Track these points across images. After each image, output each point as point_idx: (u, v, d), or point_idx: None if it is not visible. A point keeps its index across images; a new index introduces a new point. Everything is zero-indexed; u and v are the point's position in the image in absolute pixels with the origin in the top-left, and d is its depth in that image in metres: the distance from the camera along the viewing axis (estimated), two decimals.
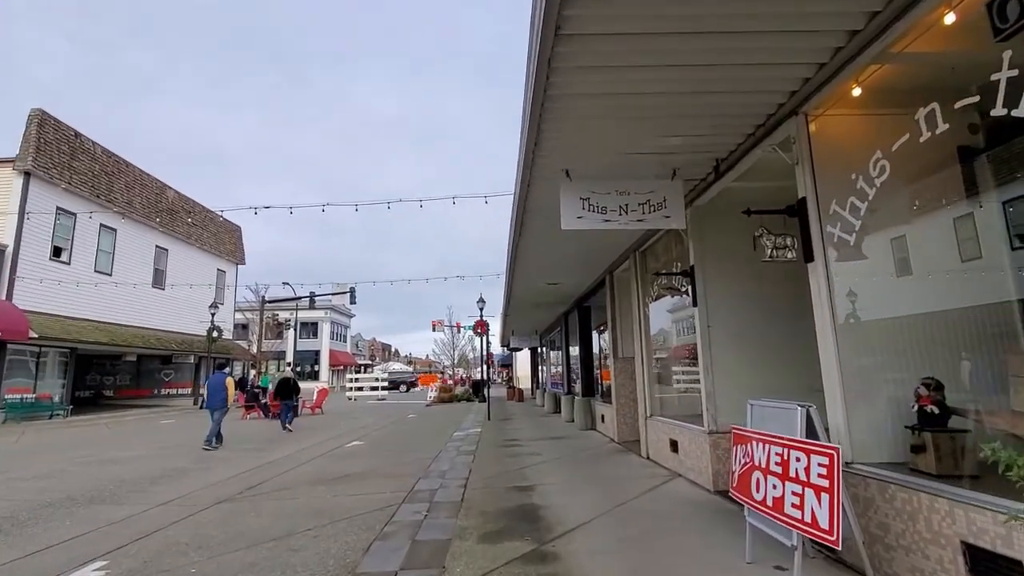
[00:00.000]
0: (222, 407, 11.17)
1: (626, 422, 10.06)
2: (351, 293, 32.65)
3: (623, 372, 10.25)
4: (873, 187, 3.43)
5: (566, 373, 17.64)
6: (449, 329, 45.86)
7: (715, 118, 4.38)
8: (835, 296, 3.82)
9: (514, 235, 7.98)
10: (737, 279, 6.29)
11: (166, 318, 26.46)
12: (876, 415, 3.71)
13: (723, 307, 6.21)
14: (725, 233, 6.37)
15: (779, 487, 3.28)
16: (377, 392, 33.61)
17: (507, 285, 12.10)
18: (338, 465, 8.63)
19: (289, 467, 8.58)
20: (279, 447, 11.01)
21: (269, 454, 10.15)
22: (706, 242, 6.34)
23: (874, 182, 3.43)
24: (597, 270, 10.67)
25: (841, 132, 4.06)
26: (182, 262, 27.83)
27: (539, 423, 14.98)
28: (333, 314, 52.31)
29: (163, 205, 26.92)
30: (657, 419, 7.85)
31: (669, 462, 7.20)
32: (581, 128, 4.47)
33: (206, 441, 10.80)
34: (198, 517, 5.62)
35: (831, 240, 3.85)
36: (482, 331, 22.01)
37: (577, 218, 5.16)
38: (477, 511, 5.43)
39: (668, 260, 7.51)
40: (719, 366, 6.06)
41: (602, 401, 12.26)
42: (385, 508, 5.69)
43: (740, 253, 6.35)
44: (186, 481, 7.57)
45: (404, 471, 7.88)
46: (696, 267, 6.25)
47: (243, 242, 34.38)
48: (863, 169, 3.51)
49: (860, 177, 3.53)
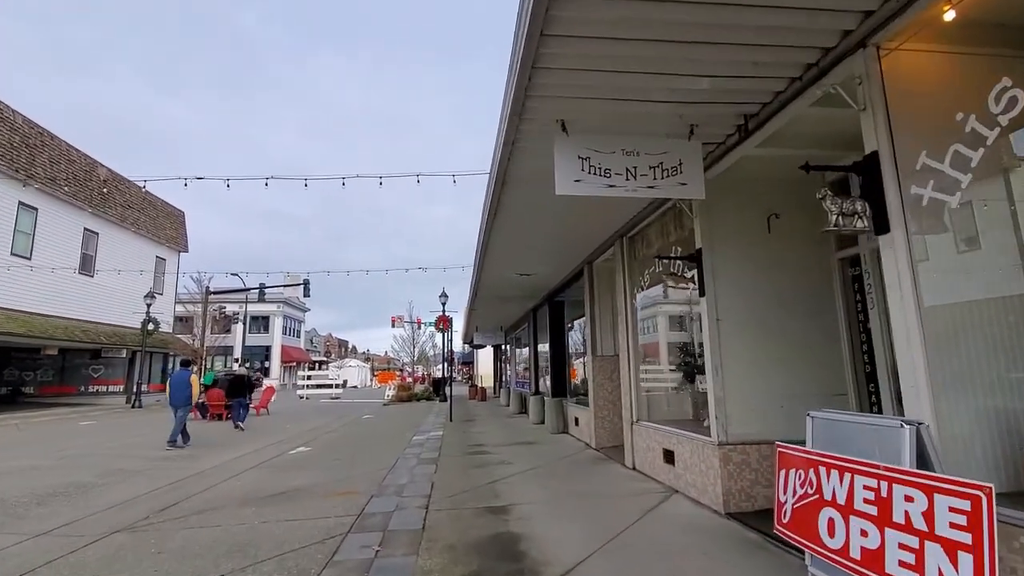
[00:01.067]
0: (186, 404, 10.69)
1: (605, 427, 9.16)
2: (305, 285, 30.82)
3: (602, 371, 9.35)
4: (996, 127, 2.56)
5: (534, 372, 16.70)
6: (409, 325, 44.30)
7: (755, 52, 3.45)
8: (919, 274, 2.94)
9: (488, 215, 6.93)
10: (749, 267, 5.43)
11: (95, 308, 24.10)
12: (980, 431, 2.86)
13: (734, 298, 5.34)
14: (736, 213, 5.51)
15: (874, 535, 2.36)
16: (331, 391, 31.89)
17: (475, 275, 11.01)
18: (277, 478, 7.37)
19: (217, 480, 7.27)
20: (212, 454, 9.60)
21: (198, 463, 8.76)
22: (715, 222, 5.45)
23: (997, 122, 2.55)
24: (575, 259, 9.72)
25: (926, 69, 3.19)
26: (115, 247, 25.43)
27: (506, 425, 13.96)
28: (286, 308, 49.86)
29: (94, 184, 24.51)
30: (646, 425, 6.96)
31: (662, 475, 6.31)
32: (585, 58, 3.46)
33: (169, 441, 10.32)
34: (78, 557, 4.33)
35: (917, 204, 2.97)
36: (444, 327, 20.84)
37: (575, 181, 4.16)
38: (443, 544, 4.36)
39: (663, 246, 6.62)
40: (730, 367, 5.18)
41: (575, 403, 11.35)
42: (326, 540, 4.55)
43: (752, 237, 5.50)
44: (83, 501, 6.19)
45: (354, 486, 6.71)
46: (704, 250, 5.36)
47: (186, 228, 31.96)
48: (978, 107, 2.63)
49: (972, 118, 2.65)
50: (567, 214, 6.88)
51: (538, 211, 6.75)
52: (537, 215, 7.00)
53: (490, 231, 7.66)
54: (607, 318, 9.67)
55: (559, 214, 6.87)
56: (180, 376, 11.09)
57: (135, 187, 27.71)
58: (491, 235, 7.86)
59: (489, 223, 7.25)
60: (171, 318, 30.02)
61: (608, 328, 9.63)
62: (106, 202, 25.17)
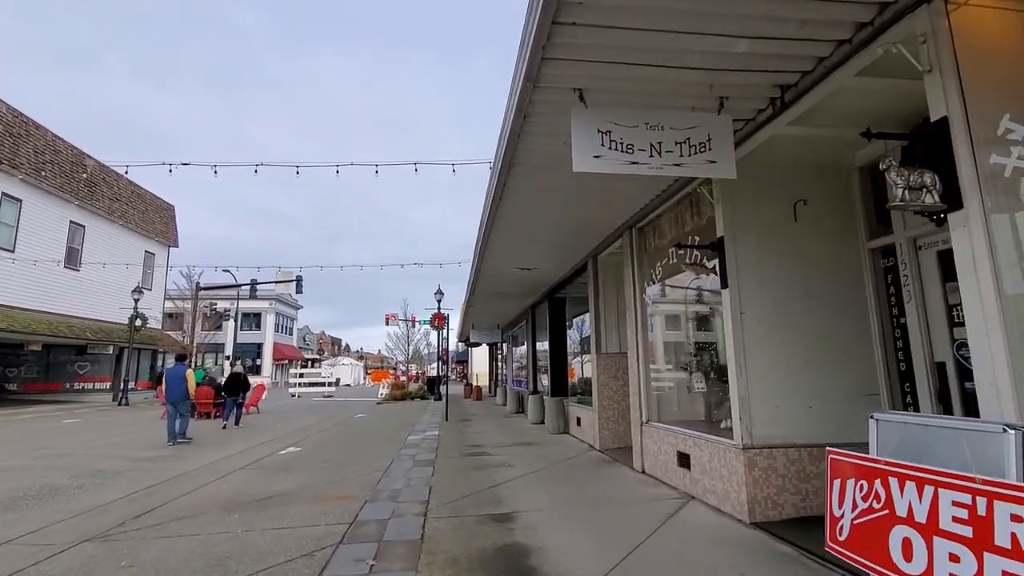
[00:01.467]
0: (183, 399, 10.66)
1: (609, 427, 8.78)
2: (297, 282, 30.27)
3: (606, 370, 8.97)
4: None
5: (532, 370, 16.31)
6: (404, 323, 43.80)
7: (805, 6, 3.07)
8: (999, 257, 2.56)
9: (491, 202, 6.52)
10: (774, 257, 5.06)
11: (81, 303, 23.50)
12: None
13: (758, 291, 4.96)
14: (761, 199, 5.13)
15: (969, 561, 1.98)
16: (324, 389, 31.37)
17: (474, 269, 10.59)
18: (264, 481, 6.94)
19: (202, 482, 6.83)
20: (198, 454, 9.15)
21: (183, 463, 8.31)
22: (737, 209, 5.07)
23: None
24: (579, 253, 9.33)
25: (1000, 25, 2.82)
26: (102, 241, 24.83)
27: (504, 425, 13.56)
28: (278, 305, 49.24)
29: (81, 176, 23.89)
30: (658, 426, 6.57)
31: (676, 479, 5.93)
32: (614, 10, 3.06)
33: (179, 435, 10.41)
34: (40, 570, 3.90)
35: (997, 175, 2.60)
36: (440, 325, 20.41)
37: (594, 157, 3.76)
38: (445, 558, 3.95)
39: (678, 236, 6.23)
40: (754, 364, 4.80)
41: (577, 402, 10.97)
42: (316, 552, 4.13)
43: (778, 226, 5.14)
44: (54, 505, 5.75)
45: (346, 490, 6.29)
46: (727, 238, 4.98)
47: (176, 223, 31.34)
48: None
49: None
50: (576, 203, 6.49)
51: (545, 199, 6.35)
52: (544, 204, 6.61)
53: (492, 221, 7.25)
54: (612, 314, 9.29)
55: (568, 202, 6.47)
56: (175, 371, 10.90)
57: (124, 180, 27.09)
58: (493, 225, 7.45)
59: (492, 211, 6.85)
60: (160, 314, 29.41)
61: (613, 325, 9.25)
62: (93, 194, 24.55)
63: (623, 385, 8.95)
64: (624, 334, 9.22)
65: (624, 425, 8.81)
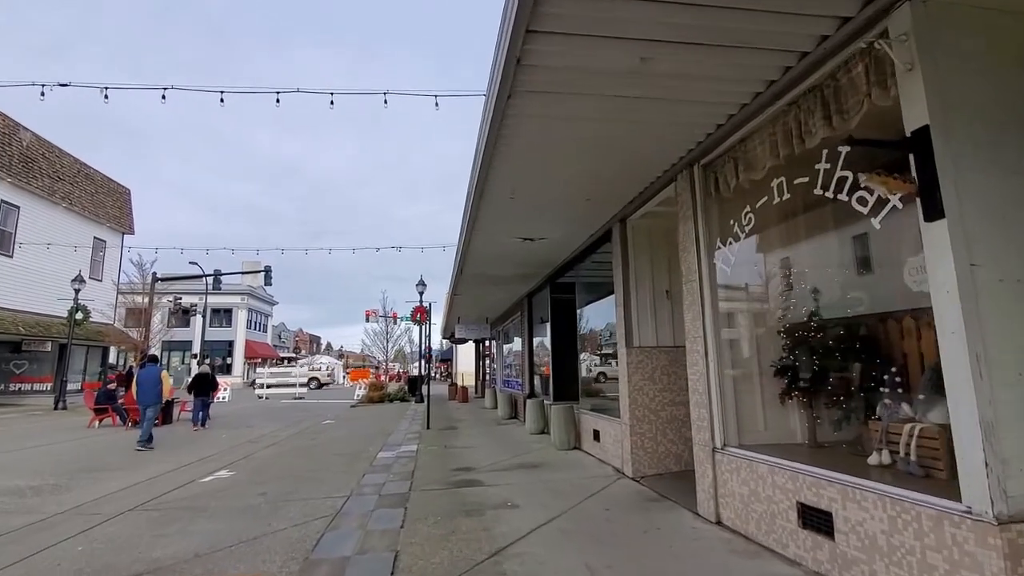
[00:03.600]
0: (156, 403, 10.21)
1: (645, 447, 6.53)
2: (266, 273, 27.60)
3: (640, 369, 6.72)
4: None
5: (528, 370, 14.04)
6: (384, 319, 41.26)
7: None
8: None
9: (486, 141, 4.25)
10: (1013, 168, 2.83)
11: (14, 294, 20.69)
12: None
13: (1004, 226, 2.72)
14: (993, 66, 2.90)
15: None
16: (294, 390, 28.76)
17: (462, 242, 8.23)
18: (146, 538, 4.57)
19: (47, 542, 4.44)
20: (99, 481, 6.71)
21: (61, 497, 5.96)
22: (952, 77, 2.82)
23: None
24: (601, 215, 7.01)
25: None
26: (41, 224, 22.00)
27: (497, 436, 11.22)
28: (251, 300, 46.31)
29: (14, 150, 21.06)
30: (750, 457, 4.32)
31: (793, 546, 3.70)
32: None
33: (140, 442, 9.56)
34: None
35: None
36: (422, 319, 18.06)
37: None
38: None
39: (779, 165, 3.99)
40: (1003, 360, 2.57)
41: (592, 410, 8.71)
42: None
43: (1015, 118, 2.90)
44: None
45: (264, 557, 3.95)
46: (934, 129, 2.73)
47: (132, 207, 28.49)
48: None
49: None
50: (610, 129, 4.23)
51: (562, 132, 4.13)
52: (561, 140, 4.38)
53: (487, 168, 4.97)
54: (646, 295, 7.05)
55: (595, 134, 4.23)
56: (148, 373, 10.51)
57: (68, 158, 24.29)
58: (488, 175, 5.16)
59: (487, 151, 4.57)
60: (110, 306, 26.56)
61: (648, 310, 7.02)
62: (30, 171, 21.72)
63: (662, 390, 6.72)
64: (662, 321, 6.98)
65: (666, 445, 6.57)
